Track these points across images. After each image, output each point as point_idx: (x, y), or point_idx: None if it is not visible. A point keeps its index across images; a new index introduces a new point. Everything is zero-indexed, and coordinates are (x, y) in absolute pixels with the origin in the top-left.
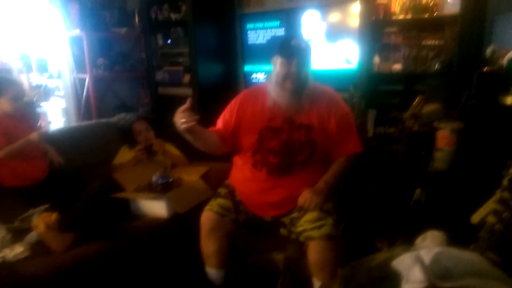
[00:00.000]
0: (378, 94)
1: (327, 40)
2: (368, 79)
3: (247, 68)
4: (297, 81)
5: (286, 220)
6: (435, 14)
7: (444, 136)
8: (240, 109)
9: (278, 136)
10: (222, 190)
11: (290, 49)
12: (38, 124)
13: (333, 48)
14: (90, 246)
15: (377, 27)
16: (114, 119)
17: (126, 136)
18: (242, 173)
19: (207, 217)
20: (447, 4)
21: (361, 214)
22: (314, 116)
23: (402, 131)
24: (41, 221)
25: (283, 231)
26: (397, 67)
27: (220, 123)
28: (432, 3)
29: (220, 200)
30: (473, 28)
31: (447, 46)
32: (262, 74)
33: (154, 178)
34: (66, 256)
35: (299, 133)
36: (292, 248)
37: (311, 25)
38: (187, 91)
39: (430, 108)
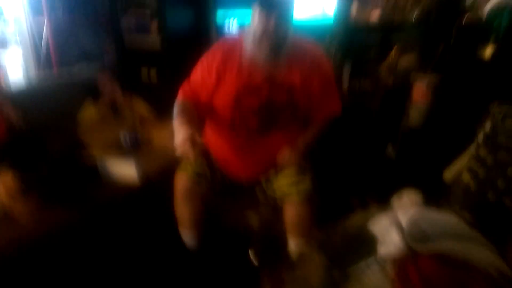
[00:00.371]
0: (354, 46)
1: None
2: (345, 29)
3: (220, 13)
4: (275, 39)
5: (262, 179)
6: None
7: (420, 90)
8: (219, 66)
9: (257, 95)
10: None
11: (270, 3)
12: None
13: None
14: (57, 214)
15: None
16: (75, 70)
17: (89, 88)
18: (217, 134)
19: (181, 180)
20: None
21: (334, 172)
22: (296, 76)
23: (377, 85)
24: (1, 186)
25: (259, 190)
26: (375, 15)
27: (197, 83)
28: None
29: (194, 164)
30: None
31: None
32: (235, 21)
33: (122, 135)
34: (31, 226)
35: (280, 94)
36: (267, 207)
37: None
38: (155, 39)
39: (406, 60)
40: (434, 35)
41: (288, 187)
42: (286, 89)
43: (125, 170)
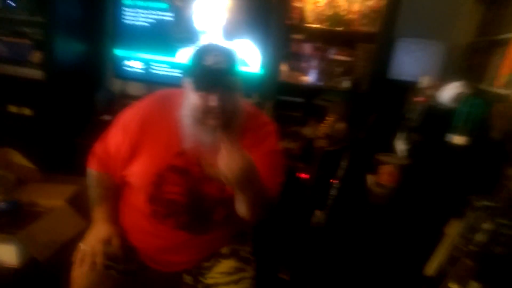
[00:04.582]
0: (279, 104)
1: (224, 37)
2: (273, 87)
3: (119, 52)
4: (222, 115)
5: (192, 268)
6: (349, 28)
7: (388, 171)
8: (142, 130)
9: (184, 181)
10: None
11: (207, 76)
12: None
13: (230, 46)
14: None
15: (288, 32)
16: None
17: None
18: (136, 218)
19: (81, 274)
20: (363, 20)
21: (264, 241)
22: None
23: (310, 151)
24: None
25: (187, 278)
26: (305, 78)
27: (110, 143)
28: (348, 16)
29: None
30: (385, 48)
31: (357, 64)
32: (138, 62)
33: None
34: None
35: (212, 184)
36: None
37: (207, 14)
38: (35, 73)
39: (338, 126)
40: (364, 104)
41: (225, 286)
42: (217, 179)
43: (1, 255)
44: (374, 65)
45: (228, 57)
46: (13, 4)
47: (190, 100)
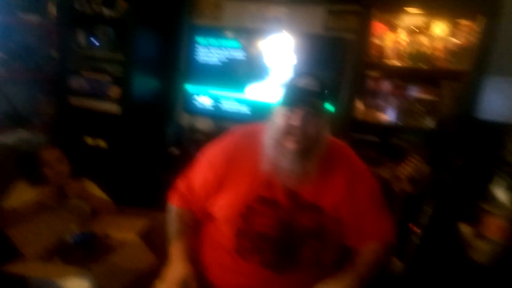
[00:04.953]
0: (353, 143)
1: (295, 74)
2: (347, 124)
3: (190, 88)
4: (303, 139)
5: None
6: (434, 66)
7: (497, 224)
8: (228, 165)
9: (274, 212)
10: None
11: (295, 92)
12: None
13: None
14: None
15: (366, 69)
16: (11, 139)
17: (27, 166)
18: (217, 255)
19: None
20: (449, 58)
21: None
22: (326, 193)
23: (387, 193)
24: None
25: None
26: (382, 116)
27: (197, 183)
28: (433, 53)
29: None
30: (473, 86)
31: (441, 102)
32: (207, 98)
33: (69, 237)
34: None
35: (304, 215)
36: None
37: (279, 53)
38: (112, 106)
39: (422, 168)
40: (448, 146)
41: None
42: (310, 209)
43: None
44: (461, 104)
45: (319, 82)
46: (96, 43)
47: (275, 121)
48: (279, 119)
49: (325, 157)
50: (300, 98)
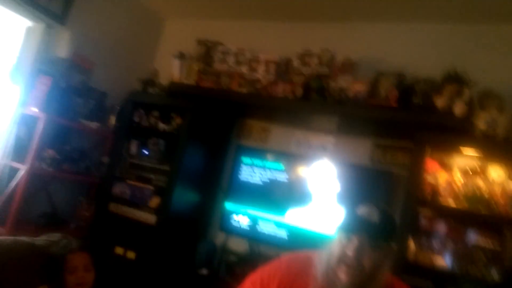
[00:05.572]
0: None
1: (338, 202)
2: (399, 266)
3: (229, 206)
4: (357, 272)
5: None
6: (494, 212)
7: None
8: None
9: None
10: None
11: (353, 220)
12: None
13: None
14: None
15: (418, 206)
16: (42, 240)
17: (51, 269)
18: None
19: None
20: (510, 203)
21: None
22: None
23: None
24: None
25: None
26: (437, 260)
27: None
28: (491, 197)
29: None
30: None
31: (505, 253)
32: (245, 218)
33: None
34: None
35: None
36: None
37: (322, 180)
38: (149, 217)
39: None
40: None
41: None
42: None
43: None
44: None
45: (381, 214)
46: (146, 152)
47: (330, 247)
48: (335, 246)
49: None
50: (357, 226)
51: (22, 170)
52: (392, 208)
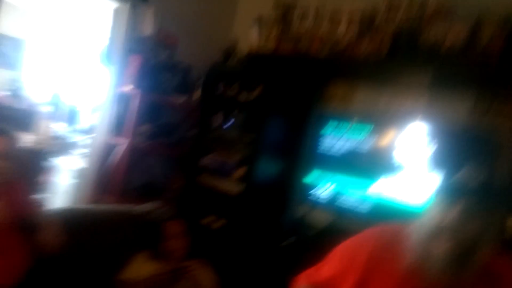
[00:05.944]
0: None
1: (433, 168)
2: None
3: (312, 177)
4: (457, 240)
5: None
6: None
7: None
8: (368, 267)
9: None
10: None
11: (453, 183)
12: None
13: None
14: None
15: None
16: (141, 208)
17: (150, 236)
18: None
19: None
20: None
21: None
22: None
23: None
24: None
25: None
26: None
27: (327, 278)
28: None
29: None
30: None
31: None
32: (329, 188)
33: None
34: None
35: None
36: None
37: (412, 146)
38: (234, 186)
39: None
40: None
41: None
42: None
43: None
44: None
45: (486, 175)
46: (230, 123)
47: (425, 215)
48: (432, 214)
49: (488, 273)
50: (461, 190)
51: (123, 144)
52: (498, 176)
